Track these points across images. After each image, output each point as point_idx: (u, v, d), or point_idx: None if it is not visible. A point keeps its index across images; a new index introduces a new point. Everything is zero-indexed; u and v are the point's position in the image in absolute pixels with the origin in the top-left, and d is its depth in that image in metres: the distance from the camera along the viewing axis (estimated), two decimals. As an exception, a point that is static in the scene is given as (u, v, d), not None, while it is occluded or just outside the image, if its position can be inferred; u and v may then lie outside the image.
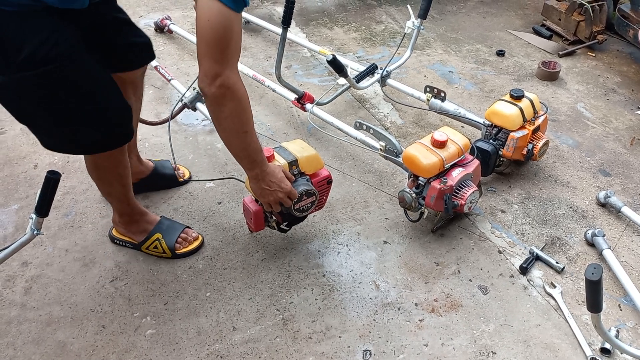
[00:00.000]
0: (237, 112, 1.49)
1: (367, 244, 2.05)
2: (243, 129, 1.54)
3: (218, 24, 1.35)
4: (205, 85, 1.41)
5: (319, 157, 1.87)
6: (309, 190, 1.80)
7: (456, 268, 1.97)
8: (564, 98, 2.95)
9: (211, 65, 1.39)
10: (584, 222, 2.18)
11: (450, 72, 3.13)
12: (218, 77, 1.40)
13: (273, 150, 1.79)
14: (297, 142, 1.88)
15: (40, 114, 1.49)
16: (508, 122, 2.18)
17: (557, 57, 3.31)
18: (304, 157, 1.80)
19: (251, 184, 1.71)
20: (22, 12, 1.31)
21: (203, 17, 1.35)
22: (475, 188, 1.97)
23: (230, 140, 1.57)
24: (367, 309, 1.82)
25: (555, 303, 1.86)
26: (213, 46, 1.37)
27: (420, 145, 1.96)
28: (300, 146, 1.85)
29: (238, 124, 1.52)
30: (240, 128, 1.53)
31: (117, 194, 1.86)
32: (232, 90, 1.44)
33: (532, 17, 3.77)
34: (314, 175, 1.87)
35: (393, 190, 2.28)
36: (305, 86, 2.93)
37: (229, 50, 1.39)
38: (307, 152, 1.84)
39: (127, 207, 1.91)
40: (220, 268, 1.94)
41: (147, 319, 1.77)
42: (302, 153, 1.81)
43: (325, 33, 3.50)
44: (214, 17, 1.34)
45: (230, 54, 1.40)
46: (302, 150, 1.83)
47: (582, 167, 2.46)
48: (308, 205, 1.84)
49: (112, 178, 1.79)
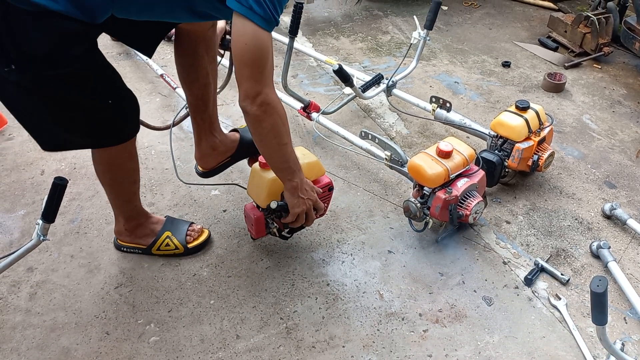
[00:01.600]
0: (277, 127, 1.54)
1: (372, 253, 2.05)
2: (283, 141, 1.58)
3: (255, 46, 1.40)
4: (248, 105, 1.46)
5: (320, 163, 1.87)
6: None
7: (461, 279, 1.96)
8: (569, 110, 2.95)
9: (252, 85, 1.44)
10: (589, 234, 2.17)
11: (456, 82, 3.14)
12: (259, 95, 1.45)
13: None
14: (298, 149, 1.87)
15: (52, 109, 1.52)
16: (513, 133, 2.19)
17: (563, 68, 3.32)
18: (304, 163, 1.80)
19: (287, 195, 1.72)
20: (39, 12, 1.33)
21: (240, 41, 1.40)
22: (481, 199, 1.97)
23: (271, 154, 1.62)
24: (371, 318, 1.82)
25: (560, 315, 1.85)
26: (252, 67, 1.43)
27: (425, 155, 1.97)
28: (302, 153, 1.86)
29: (279, 137, 1.56)
30: (280, 141, 1.58)
31: (127, 193, 1.87)
32: (272, 106, 1.49)
33: (538, 29, 3.78)
34: (315, 182, 1.87)
35: (398, 200, 2.28)
36: (311, 95, 2.94)
37: (267, 70, 1.45)
38: (308, 158, 1.84)
39: (134, 209, 1.93)
40: (225, 276, 1.94)
41: (151, 326, 1.77)
42: (303, 160, 1.81)
43: (331, 43, 3.52)
44: (250, 39, 1.39)
45: (268, 72, 1.46)
46: (303, 156, 1.83)
47: (587, 178, 2.46)
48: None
49: (125, 174, 1.81)
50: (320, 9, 3.97)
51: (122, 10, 1.47)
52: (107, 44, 3.37)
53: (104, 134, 1.64)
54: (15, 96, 1.49)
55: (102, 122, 1.61)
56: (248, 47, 1.40)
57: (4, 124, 2.62)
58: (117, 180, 1.82)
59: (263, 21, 1.38)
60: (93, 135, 1.63)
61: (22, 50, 1.36)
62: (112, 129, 1.65)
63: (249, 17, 1.37)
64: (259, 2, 1.36)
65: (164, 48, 3.33)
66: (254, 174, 1.84)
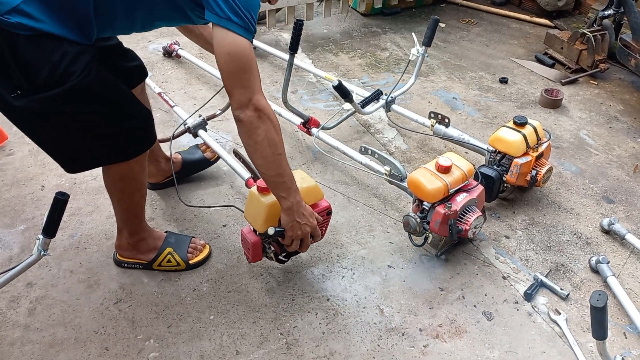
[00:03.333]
0: (272, 135, 1.53)
1: (372, 268, 2.05)
2: (278, 151, 1.57)
3: (238, 54, 1.43)
4: (240, 112, 1.48)
5: (318, 188, 1.86)
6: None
7: (461, 293, 1.96)
8: (566, 125, 2.97)
9: (242, 92, 1.46)
10: (588, 248, 2.18)
11: (454, 98, 3.17)
12: (251, 101, 1.47)
13: None
14: (297, 172, 1.85)
15: (70, 131, 1.53)
16: (511, 148, 2.20)
17: (560, 85, 3.35)
18: (303, 187, 1.78)
19: (284, 217, 1.70)
20: (37, 35, 1.35)
21: (223, 52, 1.43)
22: (480, 213, 1.98)
23: (267, 165, 1.58)
24: (371, 334, 1.81)
25: (560, 330, 1.85)
26: (239, 75, 1.45)
27: (424, 170, 1.98)
28: (301, 177, 1.83)
29: (273, 147, 1.55)
30: (275, 150, 1.56)
31: (136, 206, 1.88)
32: (265, 111, 1.50)
33: (534, 46, 3.83)
34: (313, 206, 1.84)
35: (397, 215, 2.29)
36: (310, 111, 2.96)
37: (253, 76, 1.47)
38: (306, 183, 1.82)
39: (139, 224, 1.93)
40: (225, 291, 1.94)
41: (151, 342, 1.77)
42: (302, 184, 1.78)
43: (330, 59, 3.55)
44: (232, 48, 1.42)
45: (255, 79, 1.48)
46: (302, 181, 1.81)
47: (585, 193, 2.47)
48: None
49: (136, 187, 1.81)
50: (319, 26, 4.01)
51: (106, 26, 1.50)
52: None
53: (121, 148, 1.65)
54: (29, 122, 1.51)
55: (119, 136, 1.62)
56: (232, 56, 1.43)
57: (4, 140, 2.63)
58: (128, 192, 1.82)
59: (242, 29, 1.42)
60: (111, 150, 1.64)
61: (25, 74, 1.38)
62: (129, 142, 1.66)
63: (228, 28, 1.41)
64: (236, 12, 1.40)
65: (164, 64, 3.36)
66: (251, 198, 1.81)
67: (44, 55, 1.38)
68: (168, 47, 3.37)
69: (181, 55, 3.31)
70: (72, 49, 1.42)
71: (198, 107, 2.93)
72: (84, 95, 1.47)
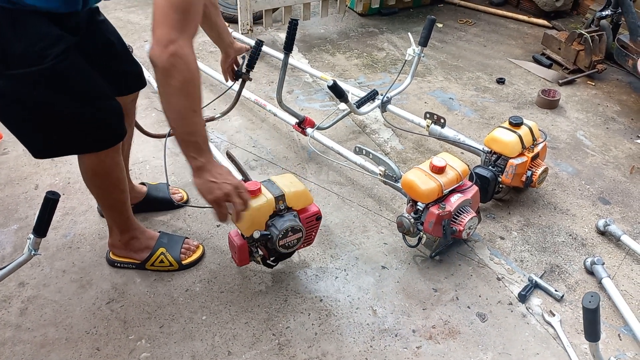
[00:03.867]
0: (187, 87, 1.35)
1: (365, 268, 2.04)
2: (192, 107, 1.39)
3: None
4: (156, 53, 1.28)
5: (307, 192, 1.83)
6: (294, 226, 1.76)
7: (454, 294, 1.95)
8: (563, 126, 2.96)
9: (166, 31, 1.28)
10: (583, 250, 2.17)
11: (451, 98, 3.16)
12: (171, 44, 1.27)
13: (260, 184, 1.76)
14: (286, 177, 1.84)
15: (37, 116, 1.50)
16: (507, 149, 2.19)
17: (557, 85, 3.34)
18: (291, 192, 1.77)
19: (195, 179, 1.50)
20: (16, 10, 1.33)
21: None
22: (474, 214, 1.97)
23: (178, 120, 1.40)
24: (364, 335, 1.80)
25: (554, 332, 1.84)
26: (170, 11, 1.27)
27: (419, 170, 1.97)
28: (289, 181, 1.82)
29: (188, 101, 1.37)
30: (189, 106, 1.38)
31: (118, 204, 1.86)
32: (185, 61, 1.30)
33: (532, 46, 3.82)
34: (302, 211, 1.82)
35: (392, 215, 2.28)
36: (306, 111, 2.95)
37: (188, 17, 1.29)
38: (295, 187, 1.80)
39: (127, 221, 1.92)
40: (217, 291, 1.93)
41: (142, 342, 1.76)
42: (290, 188, 1.77)
43: (327, 59, 3.55)
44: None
45: (188, 21, 1.30)
46: (291, 185, 1.79)
47: (581, 194, 2.46)
48: (294, 241, 1.80)
49: (112, 183, 1.78)
50: (316, 25, 4.01)
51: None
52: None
53: (88, 139, 1.61)
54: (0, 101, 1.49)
55: (85, 127, 1.59)
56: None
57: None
58: (105, 189, 1.80)
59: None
60: (77, 140, 1.61)
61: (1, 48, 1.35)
62: (96, 135, 1.62)
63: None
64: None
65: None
66: None
67: (24, 31, 1.34)
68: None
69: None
70: (53, 31, 1.39)
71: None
72: (57, 81, 1.44)
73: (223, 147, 2.64)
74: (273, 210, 1.75)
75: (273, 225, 1.75)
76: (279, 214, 1.77)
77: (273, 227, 1.75)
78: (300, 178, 2.46)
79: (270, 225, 1.75)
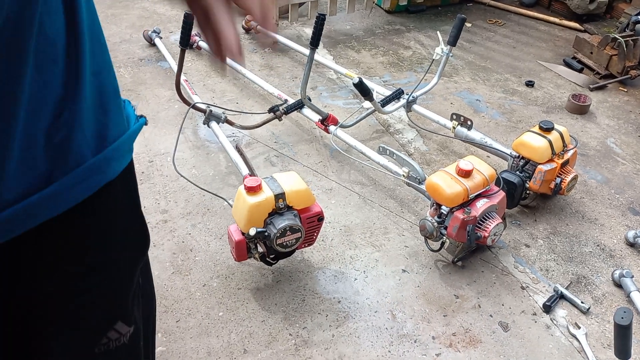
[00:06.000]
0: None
1: (385, 271, 2.00)
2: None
3: None
4: None
5: (310, 192, 1.80)
6: (293, 225, 1.72)
7: (477, 302, 1.90)
8: (593, 132, 2.88)
9: None
10: (611, 261, 2.10)
11: (478, 100, 3.10)
12: None
13: (262, 180, 1.74)
14: (290, 175, 1.81)
15: None
16: (536, 154, 2.13)
17: (588, 90, 3.25)
18: (292, 191, 1.74)
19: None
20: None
21: None
22: (500, 220, 1.91)
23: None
24: (382, 339, 1.77)
25: (579, 345, 1.78)
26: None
27: (444, 173, 1.92)
28: (292, 179, 1.79)
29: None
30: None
31: None
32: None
33: (563, 49, 3.73)
34: (304, 211, 1.79)
35: (414, 218, 2.23)
36: (329, 108, 2.92)
37: None
38: (297, 186, 1.76)
39: None
40: (235, 287, 1.91)
41: (158, 336, 1.74)
42: (292, 187, 1.74)
43: (352, 56, 3.50)
44: None
45: None
46: (293, 183, 1.76)
47: (610, 204, 2.39)
48: (292, 241, 1.76)
49: None
50: (342, 21, 3.96)
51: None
52: (129, 50, 3.40)
53: None
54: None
55: None
56: None
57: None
58: None
59: None
60: None
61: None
62: None
63: None
64: None
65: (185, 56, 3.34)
66: (239, 197, 1.76)
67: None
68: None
69: (202, 47, 3.28)
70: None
71: (216, 100, 2.91)
72: None
73: (245, 141, 2.62)
74: (272, 208, 1.73)
75: (272, 223, 1.73)
76: (278, 212, 1.74)
77: (271, 225, 1.72)
78: (321, 176, 2.43)
79: (268, 223, 1.73)
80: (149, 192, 2.28)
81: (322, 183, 2.40)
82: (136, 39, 3.54)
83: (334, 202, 2.30)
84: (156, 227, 2.12)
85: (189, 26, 2.08)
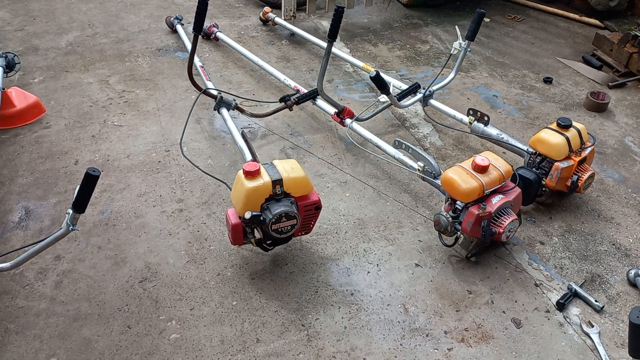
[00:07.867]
0: None
1: (398, 265, 2.01)
2: None
3: None
4: None
5: (307, 180, 1.81)
6: (289, 212, 1.74)
7: (489, 298, 1.90)
8: (611, 130, 2.85)
9: None
10: (626, 260, 2.08)
11: (495, 96, 3.07)
12: None
13: (261, 165, 1.76)
14: (290, 162, 1.83)
15: None
16: (553, 151, 2.11)
17: (607, 88, 3.21)
18: (290, 177, 1.75)
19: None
20: None
21: None
22: (515, 217, 1.91)
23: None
24: (394, 332, 1.77)
25: (592, 343, 1.77)
26: None
27: (460, 168, 1.92)
28: (291, 166, 1.80)
29: None
30: None
31: None
32: None
33: (582, 46, 3.68)
34: (302, 198, 1.80)
35: (428, 213, 2.23)
36: (345, 101, 2.91)
37: None
38: (295, 173, 1.78)
39: None
40: (248, 277, 1.93)
41: (172, 323, 1.76)
42: (290, 174, 1.76)
43: (369, 49, 3.49)
44: None
45: None
46: (291, 170, 1.78)
47: (627, 203, 2.37)
48: (287, 227, 1.78)
49: None
50: (359, 15, 3.95)
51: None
52: (147, 40, 3.42)
53: None
54: None
55: None
56: None
57: (42, 112, 2.67)
58: None
59: None
60: None
61: None
62: None
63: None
64: None
65: (202, 46, 3.36)
66: (237, 181, 1.79)
67: None
68: (207, 29, 3.36)
69: (219, 38, 3.29)
70: None
71: (233, 90, 2.92)
72: None
73: (260, 132, 2.63)
74: (269, 194, 1.75)
75: (268, 208, 1.75)
76: (275, 198, 1.76)
77: (267, 211, 1.75)
78: (336, 169, 2.43)
79: (265, 208, 1.75)
80: (165, 181, 2.31)
81: (337, 176, 2.40)
82: (154, 29, 3.56)
83: (348, 195, 2.30)
84: (172, 215, 2.14)
85: (202, 12, 2.10)
